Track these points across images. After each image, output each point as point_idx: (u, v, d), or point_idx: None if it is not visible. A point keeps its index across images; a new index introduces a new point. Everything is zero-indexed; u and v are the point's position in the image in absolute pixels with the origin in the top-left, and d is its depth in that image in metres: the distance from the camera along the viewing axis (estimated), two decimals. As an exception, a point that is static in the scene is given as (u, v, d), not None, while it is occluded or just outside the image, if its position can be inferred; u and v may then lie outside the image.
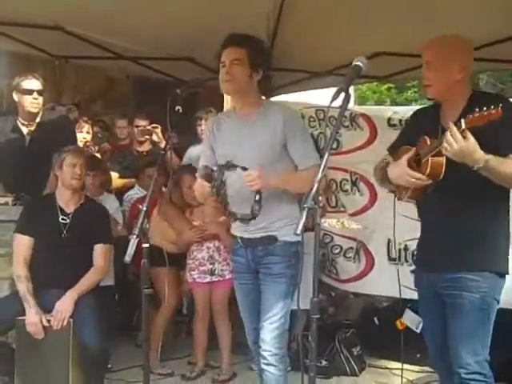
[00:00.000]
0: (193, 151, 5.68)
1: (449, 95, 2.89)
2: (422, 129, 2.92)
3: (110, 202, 5.08)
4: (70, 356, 3.81)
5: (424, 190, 2.86)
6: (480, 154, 2.50)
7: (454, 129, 2.46)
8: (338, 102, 2.45)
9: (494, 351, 2.96)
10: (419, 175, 2.74)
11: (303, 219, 2.20)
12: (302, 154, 3.22)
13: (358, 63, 2.50)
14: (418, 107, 4.70)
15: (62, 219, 4.09)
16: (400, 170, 2.83)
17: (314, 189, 2.23)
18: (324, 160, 2.31)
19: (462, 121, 2.45)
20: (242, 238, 3.33)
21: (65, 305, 3.87)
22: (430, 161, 2.70)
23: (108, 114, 7.10)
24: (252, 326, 3.41)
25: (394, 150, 3.12)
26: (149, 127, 6.01)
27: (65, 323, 3.82)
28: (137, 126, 6.17)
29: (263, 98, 3.44)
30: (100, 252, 4.15)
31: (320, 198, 2.28)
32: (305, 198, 2.24)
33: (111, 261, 4.39)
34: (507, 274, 2.98)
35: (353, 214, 5.85)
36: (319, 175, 2.26)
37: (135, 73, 5.78)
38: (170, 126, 2.89)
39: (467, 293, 2.84)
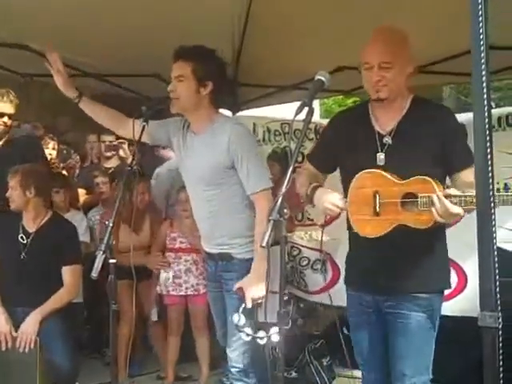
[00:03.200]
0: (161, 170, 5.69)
1: (397, 94, 2.68)
2: (349, 133, 2.79)
3: (78, 220, 5.03)
4: (37, 374, 3.76)
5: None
6: (457, 208, 2.37)
7: (444, 200, 2.36)
8: (302, 115, 2.47)
9: (455, 358, 2.96)
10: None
11: (269, 232, 2.20)
12: (250, 178, 3.08)
13: (320, 77, 2.50)
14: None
15: (21, 238, 3.98)
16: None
17: (279, 201, 2.24)
18: (288, 174, 2.30)
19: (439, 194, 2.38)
20: (205, 250, 3.40)
21: (28, 327, 3.80)
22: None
23: (75, 130, 7.06)
24: (222, 331, 3.43)
25: (315, 158, 2.97)
26: (115, 142, 6.00)
27: (31, 345, 3.77)
28: (103, 142, 6.16)
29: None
30: (69, 273, 4.03)
31: (285, 210, 2.27)
32: (270, 210, 2.25)
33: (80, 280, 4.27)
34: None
35: (321, 226, 5.92)
36: (284, 188, 2.26)
37: (102, 90, 5.74)
38: (137, 142, 2.89)
39: (416, 312, 2.67)
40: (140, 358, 5.22)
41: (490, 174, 1.37)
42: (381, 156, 2.66)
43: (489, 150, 1.38)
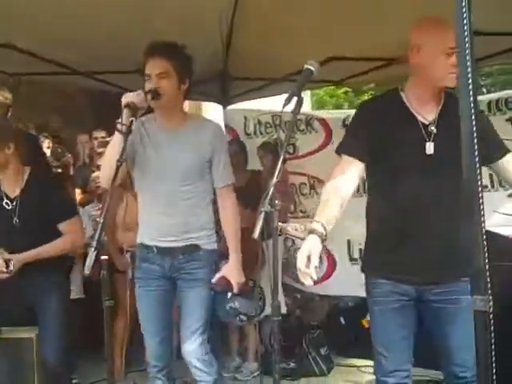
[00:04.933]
0: None
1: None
2: (389, 122, 2.69)
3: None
4: (35, 371, 3.75)
5: None
6: None
7: None
8: (292, 106, 2.47)
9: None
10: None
11: (260, 223, 2.20)
12: (224, 172, 3.28)
13: (308, 67, 2.50)
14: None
15: (6, 204, 3.68)
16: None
17: (270, 192, 2.24)
18: (279, 165, 2.30)
19: None
20: (156, 246, 3.23)
21: (17, 257, 3.57)
22: None
23: (67, 129, 7.06)
24: (158, 339, 3.27)
25: (359, 151, 2.75)
26: (108, 139, 5.98)
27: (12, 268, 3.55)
28: (95, 138, 6.14)
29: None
30: (64, 228, 3.74)
31: (276, 201, 2.28)
32: (262, 201, 2.24)
33: (83, 231, 3.99)
34: None
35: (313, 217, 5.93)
36: (274, 179, 2.26)
37: (92, 87, 5.73)
38: (125, 137, 2.88)
39: (465, 296, 2.36)
40: (137, 353, 5.22)
41: (477, 158, 1.38)
42: (430, 145, 2.62)
43: (475, 134, 1.38)
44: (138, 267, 3.32)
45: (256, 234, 2.20)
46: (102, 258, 2.90)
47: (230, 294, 3.20)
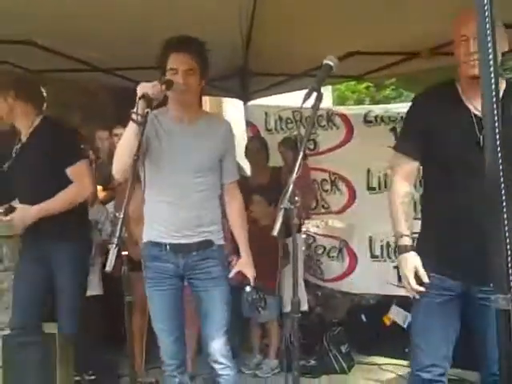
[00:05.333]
0: None
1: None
2: (440, 115, 2.68)
3: (105, 214, 5.00)
4: (57, 367, 3.77)
5: None
6: None
7: None
8: (311, 102, 2.46)
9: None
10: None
11: (280, 220, 2.19)
12: (234, 167, 3.38)
13: (328, 62, 2.49)
14: (396, 105, 4.64)
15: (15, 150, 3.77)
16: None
17: (290, 189, 2.23)
18: (298, 161, 2.28)
19: None
20: (169, 243, 3.20)
21: (20, 217, 3.65)
22: None
23: (87, 125, 7.07)
24: (172, 338, 3.26)
25: (413, 149, 2.82)
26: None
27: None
28: (115, 135, 6.15)
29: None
30: (73, 173, 3.72)
31: (296, 198, 2.26)
32: (281, 198, 2.23)
33: (91, 175, 3.94)
34: None
35: (336, 213, 5.93)
36: (294, 175, 2.25)
37: (113, 84, 5.74)
38: (142, 128, 2.87)
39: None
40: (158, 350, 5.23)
41: (500, 155, 1.34)
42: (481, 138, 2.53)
43: (497, 133, 1.35)
44: (148, 267, 3.25)
45: (275, 231, 2.20)
46: (123, 253, 2.91)
47: (248, 288, 3.23)
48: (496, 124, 1.38)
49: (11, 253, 4.24)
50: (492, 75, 1.35)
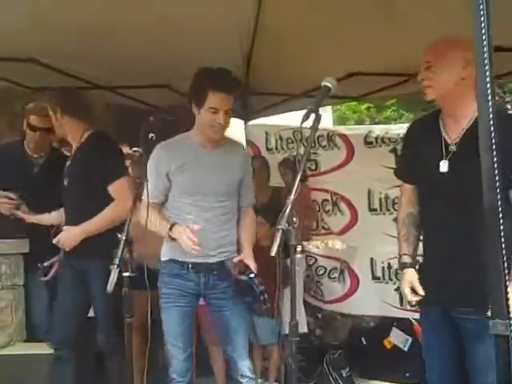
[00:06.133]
0: None
1: (451, 98, 2.66)
2: (422, 141, 2.82)
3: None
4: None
5: None
6: None
7: None
8: (310, 122, 2.46)
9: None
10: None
11: (278, 241, 2.20)
12: (251, 191, 3.53)
13: (326, 84, 2.51)
14: (397, 125, 4.65)
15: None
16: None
17: (288, 209, 2.22)
18: (296, 182, 2.29)
19: None
20: (192, 262, 3.28)
21: (66, 239, 3.75)
22: None
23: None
24: (186, 354, 3.33)
25: (405, 173, 2.98)
26: (130, 151, 5.97)
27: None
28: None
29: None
30: (113, 191, 3.74)
31: (294, 219, 2.25)
32: (279, 219, 2.23)
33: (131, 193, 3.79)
34: None
35: (336, 234, 5.91)
36: (292, 196, 2.25)
37: (114, 102, 5.75)
38: (145, 153, 2.89)
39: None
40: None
41: (497, 177, 1.33)
42: (445, 163, 2.66)
43: (494, 150, 1.34)
44: (168, 283, 3.34)
45: (273, 251, 2.21)
46: (124, 275, 2.91)
47: (253, 274, 3.21)
48: (493, 148, 1.36)
49: (11, 271, 4.22)
50: (489, 97, 1.33)
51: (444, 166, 2.65)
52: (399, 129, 5.66)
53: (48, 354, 3.81)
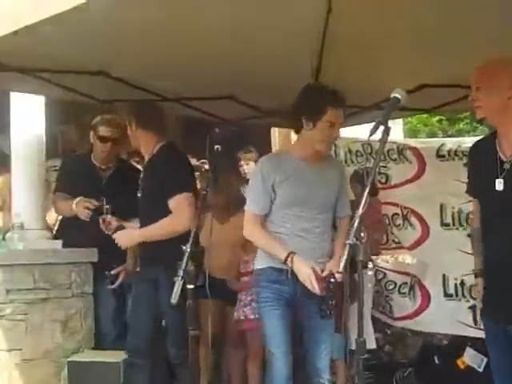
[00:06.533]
0: None
1: (501, 117, 2.80)
2: (481, 161, 2.92)
3: None
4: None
5: None
6: None
7: None
8: (379, 135, 2.43)
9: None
10: None
11: (345, 256, 2.18)
12: (347, 203, 3.69)
13: (395, 95, 2.49)
14: (470, 138, 4.54)
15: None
16: None
17: (356, 224, 2.20)
18: (364, 195, 2.27)
19: None
20: (291, 271, 3.36)
21: (122, 237, 3.88)
22: None
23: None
24: (288, 361, 3.42)
25: (470, 190, 3.09)
26: (197, 163, 6.04)
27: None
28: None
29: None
30: (172, 205, 3.78)
31: (362, 234, 2.21)
32: (347, 234, 2.23)
33: (190, 211, 3.81)
34: None
35: (407, 248, 5.81)
36: (360, 210, 2.23)
37: (181, 114, 5.79)
38: (210, 164, 2.91)
39: None
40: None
41: None
42: (500, 181, 2.71)
43: None
44: (267, 287, 3.46)
45: (341, 267, 2.21)
46: (188, 287, 2.91)
47: (333, 280, 3.22)
48: None
49: (80, 279, 4.32)
50: None
51: (500, 185, 2.70)
52: (473, 142, 5.50)
53: (115, 363, 3.86)
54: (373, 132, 2.37)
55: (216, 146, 3.03)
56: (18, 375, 4.00)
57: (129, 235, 3.93)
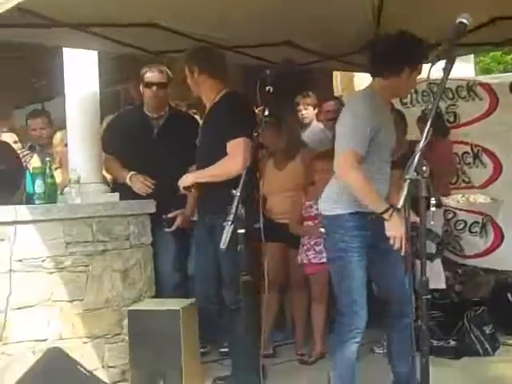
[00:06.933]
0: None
1: None
2: None
3: None
4: (181, 342, 3.87)
5: None
6: None
7: None
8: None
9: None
10: None
11: (404, 192, 2.11)
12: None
13: (462, 20, 2.33)
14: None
15: None
16: None
17: (416, 158, 2.13)
18: (426, 129, 2.21)
19: None
20: (372, 214, 3.28)
21: (185, 175, 4.00)
22: None
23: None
24: (366, 307, 3.41)
25: None
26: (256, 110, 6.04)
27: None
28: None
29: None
30: (229, 147, 3.81)
31: (424, 168, 2.15)
32: (406, 168, 2.14)
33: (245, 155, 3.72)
34: None
35: (478, 188, 5.71)
36: (421, 144, 2.16)
37: (237, 62, 5.73)
38: (261, 104, 2.88)
39: None
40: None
41: None
42: None
43: None
44: (355, 236, 3.37)
45: (400, 203, 2.12)
46: (239, 231, 2.92)
47: None
48: None
49: (138, 231, 4.38)
50: None
51: None
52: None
53: (175, 310, 3.91)
54: (436, 60, 2.27)
55: (267, 87, 2.98)
56: (82, 325, 4.11)
57: (184, 177, 3.98)
